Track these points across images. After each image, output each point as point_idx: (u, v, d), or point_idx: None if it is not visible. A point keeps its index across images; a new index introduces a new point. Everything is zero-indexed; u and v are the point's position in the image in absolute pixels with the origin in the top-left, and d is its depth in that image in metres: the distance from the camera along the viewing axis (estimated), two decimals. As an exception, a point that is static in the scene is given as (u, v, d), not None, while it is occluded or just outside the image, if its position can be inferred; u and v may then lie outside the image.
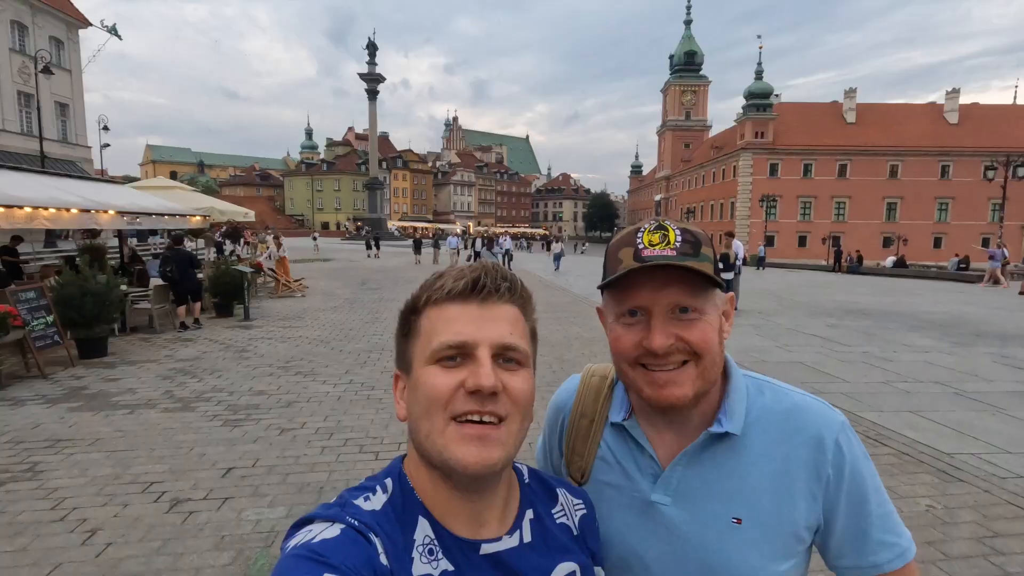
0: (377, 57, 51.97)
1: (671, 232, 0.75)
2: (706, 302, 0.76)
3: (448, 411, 0.61)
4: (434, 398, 0.61)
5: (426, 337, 0.65)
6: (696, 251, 0.74)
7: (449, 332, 0.63)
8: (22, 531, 3.05)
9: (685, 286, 0.74)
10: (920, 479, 3.84)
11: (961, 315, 12.01)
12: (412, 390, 0.65)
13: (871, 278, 24.03)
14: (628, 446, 0.84)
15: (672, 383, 0.75)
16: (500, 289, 0.65)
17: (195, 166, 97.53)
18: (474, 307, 0.64)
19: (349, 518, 0.58)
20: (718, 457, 0.78)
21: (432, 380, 0.62)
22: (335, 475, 3.82)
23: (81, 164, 28.87)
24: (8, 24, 25.82)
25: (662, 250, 0.74)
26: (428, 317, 0.65)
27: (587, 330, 9.56)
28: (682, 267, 0.72)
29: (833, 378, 6.61)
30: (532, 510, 0.72)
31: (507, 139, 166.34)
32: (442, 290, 0.65)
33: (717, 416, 0.79)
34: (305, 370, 6.68)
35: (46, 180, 9.16)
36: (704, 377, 0.76)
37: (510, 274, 0.68)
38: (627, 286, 0.76)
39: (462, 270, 0.67)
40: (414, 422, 0.65)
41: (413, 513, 0.63)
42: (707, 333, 0.75)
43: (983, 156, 46.19)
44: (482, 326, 0.63)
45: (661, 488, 0.79)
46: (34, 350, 6.28)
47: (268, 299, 13.43)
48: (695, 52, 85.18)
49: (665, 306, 0.74)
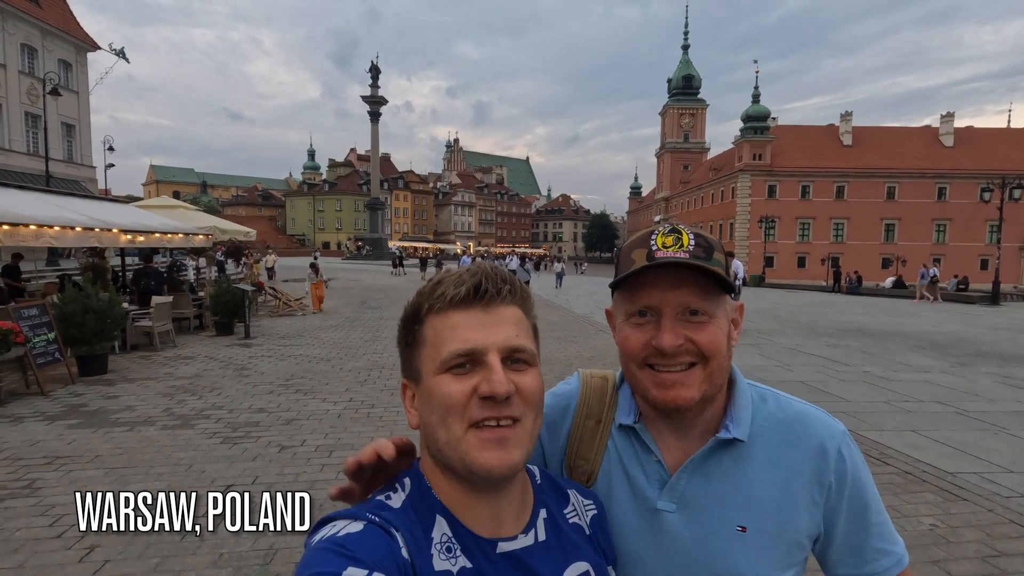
0: (380, 80, 52.66)
1: (684, 235, 0.76)
2: (717, 306, 0.76)
3: (465, 418, 0.61)
4: (449, 407, 0.62)
5: (433, 346, 0.64)
6: (709, 255, 0.75)
7: (457, 340, 0.62)
8: (19, 548, 3.03)
9: (696, 287, 0.74)
10: (923, 498, 3.82)
11: (961, 335, 12.01)
12: (424, 399, 0.65)
13: (870, 298, 24.03)
14: (635, 450, 0.83)
15: (679, 384, 0.74)
16: (502, 292, 0.65)
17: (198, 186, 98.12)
18: (478, 312, 0.64)
19: (371, 515, 0.59)
20: (724, 465, 0.78)
21: (445, 389, 0.62)
22: (335, 493, 3.79)
23: (85, 184, 29.09)
24: (19, 47, 26.30)
25: (675, 252, 0.74)
26: (432, 326, 0.65)
27: (587, 349, 9.55)
28: (695, 266, 0.73)
29: (835, 397, 6.59)
30: (545, 510, 0.72)
31: (507, 160, 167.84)
32: (444, 298, 0.64)
33: (724, 423, 0.79)
34: (305, 388, 6.67)
35: (51, 199, 9.26)
36: (711, 380, 0.76)
37: (509, 275, 0.69)
38: (639, 286, 0.76)
39: (460, 275, 0.66)
40: (430, 431, 0.65)
41: (431, 512, 0.64)
42: (717, 336, 0.75)
43: (979, 178, 46.65)
44: (488, 331, 0.63)
45: (667, 495, 0.79)
46: (35, 367, 6.28)
47: (268, 317, 13.44)
48: (692, 76, 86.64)
49: (676, 306, 0.74)
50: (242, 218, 71.04)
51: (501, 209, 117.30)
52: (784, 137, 57.58)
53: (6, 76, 25.66)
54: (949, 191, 54.36)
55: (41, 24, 27.19)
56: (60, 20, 28.79)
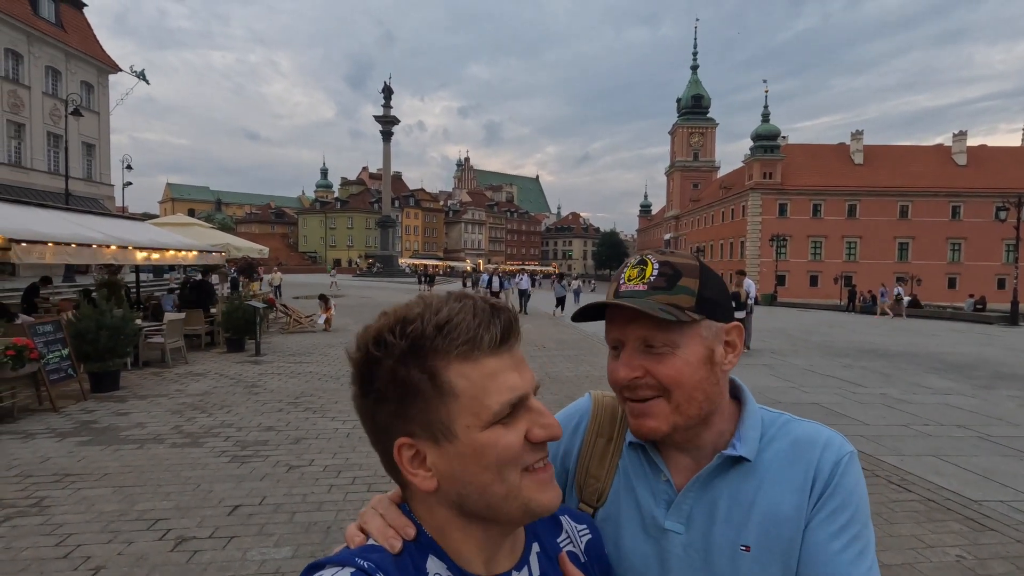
0: (393, 100, 53.69)
1: (649, 266, 0.77)
2: (681, 336, 0.74)
3: (519, 466, 0.60)
4: (509, 460, 0.59)
5: (473, 399, 0.58)
6: (671, 284, 0.75)
7: (503, 390, 0.59)
8: (26, 567, 3.00)
9: (651, 321, 0.73)
10: (948, 527, 3.69)
11: (980, 357, 11.77)
12: (464, 457, 0.59)
13: (886, 318, 23.70)
14: (644, 469, 0.82)
15: (646, 415, 0.76)
16: (519, 331, 0.63)
17: (212, 204, 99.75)
18: (507, 356, 0.61)
19: (359, 559, 0.57)
20: (730, 483, 0.77)
21: (503, 442, 0.59)
22: (342, 514, 3.75)
23: (103, 201, 29.70)
24: (43, 69, 27.12)
25: (635, 285, 0.76)
26: (464, 375, 0.58)
27: (597, 368, 9.46)
28: (631, 308, 0.73)
29: (852, 420, 6.44)
30: (538, 543, 0.70)
31: (517, 179, 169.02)
32: (477, 343, 0.59)
33: (731, 441, 0.78)
34: (314, 406, 6.65)
35: (69, 216, 9.43)
36: (680, 412, 0.75)
37: (512, 308, 0.65)
38: (608, 319, 0.79)
39: (476, 315, 0.60)
40: (477, 489, 0.60)
41: (423, 552, 0.62)
42: (677, 367, 0.74)
43: (994, 197, 46.16)
44: (522, 373, 0.61)
45: (674, 515, 0.78)
46: (48, 383, 6.32)
47: (279, 334, 13.49)
48: (702, 96, 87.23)
49: (635, 339, 0.75)
50: (255, 235, 71.80)
51: (511, 227, 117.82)
52: (794, 156, 57.57)
53: (30, 97, 26.43)
54: (963, 210, 53.87)
55: (65, 47, 28.07)
56: (83, 43, 29.69)
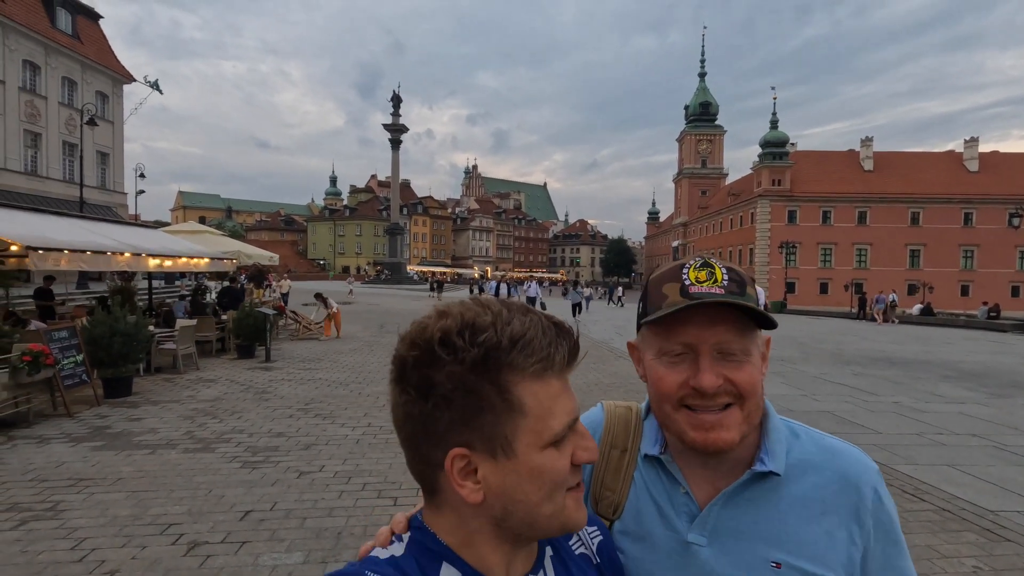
0: (402, 108, 53.91)
1: (718, 270, 0.74)
2: (751, 343, 0.74)
3: (566, 487, 0.61)
4: (560, 481, 0.60)
5: (539, 419, 0.58)
6: (742, 290, 0.73)
7: (564, 413, 0.60)
8: (41, 571, 3.04)
9: (733, 325, 0.72)
10: (964, 538, 3.64)
11: (995, 365, 11.62)
12: (518, 474, 0.59)
13: (897, 326, 23.46)
14: (662, 481, 0.81)
15: (719, 426, 0.73)
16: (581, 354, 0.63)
17: (223, 211, 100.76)
18: (566, 378, 0.62)
19: (369, 572, 0.58)
20: (757, 498, 0.76)
21: (558, 465, 0.60)
22: (353, 520, 3.76)
23: (116, 209, 30.08)
24: (60, 80, 27.62)
25: (710, 287, 0.73)
26: (533, 394, 0.58)
27: (606, 376, 9.44)
28: (736, 305, 0.71)
29: (864, 429, 6.38)
30: (551, 547, 0.71)
31: (525, 186, 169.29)
32: (547, 363, 0.58)
33: (759, 456, 0.77)
34: (324, 412, 6.68)
35: (83, 224, 9.57)
36: (749, 420, 0.74)
37: (575, 329, 0.63)
38: (673, 322, 0.73)
39: (547, 333, 0.59)
40: (525, 507, 0.60)
41: (436, 560, 0.62)
42: (753, 375, 0.73)
43: (1007, 203, 45.68)
44: (572, 396, 0.62)
45: (698, 528, 0.77)
46: (62, 389, 6.40)
47: (289, 341, 13.57)
48: (710, 103, 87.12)
49: (712, 345, 0.72)
50: (265, 242, 72.47)
51: (519, 234, 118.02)
52: (803, 162, 57.26)
53: (47, 107, 26.90)
54: (976, 216, 53.28)
55: (81, 58, 28.57)
56: (99, 54, 30.21)
